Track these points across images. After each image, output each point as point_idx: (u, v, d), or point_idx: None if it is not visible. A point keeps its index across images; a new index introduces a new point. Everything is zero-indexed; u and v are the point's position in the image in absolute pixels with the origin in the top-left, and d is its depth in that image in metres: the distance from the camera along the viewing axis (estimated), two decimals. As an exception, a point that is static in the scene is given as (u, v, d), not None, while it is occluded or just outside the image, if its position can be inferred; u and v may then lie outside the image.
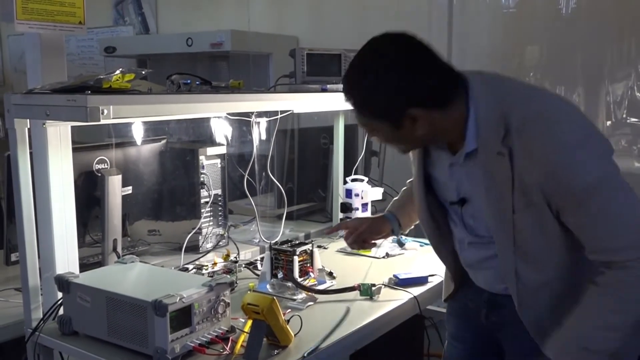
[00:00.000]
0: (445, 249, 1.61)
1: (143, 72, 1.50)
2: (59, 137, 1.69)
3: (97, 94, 1.43)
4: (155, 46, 4.26)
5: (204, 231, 2.32)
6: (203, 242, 2.32)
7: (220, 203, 2.38)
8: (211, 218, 2.35)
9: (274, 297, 1.45)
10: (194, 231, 2.25)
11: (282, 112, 2.26)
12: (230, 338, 1.51)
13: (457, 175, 1.45)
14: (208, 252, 2.31)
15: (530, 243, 1.36)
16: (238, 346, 1.47)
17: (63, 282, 1.54)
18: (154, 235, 2.34)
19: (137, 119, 1.74)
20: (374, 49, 1.35)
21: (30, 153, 1.69)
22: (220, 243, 2.39)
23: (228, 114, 2.17)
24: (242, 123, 2.35)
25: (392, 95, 1.30)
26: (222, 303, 1.51)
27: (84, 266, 2.00)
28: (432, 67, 1.32)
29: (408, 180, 1.86)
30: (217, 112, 2.12)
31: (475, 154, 1.36)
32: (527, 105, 1.32)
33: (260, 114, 2.35)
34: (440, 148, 1.45)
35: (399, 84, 1.30)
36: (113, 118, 1.52)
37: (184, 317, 1.42)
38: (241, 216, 2.76)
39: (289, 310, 1.70)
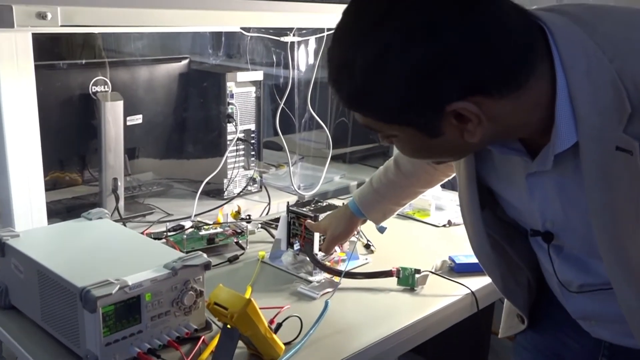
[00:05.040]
0: (514, 283, 1.06)
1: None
2: (14, 48, 1.27)
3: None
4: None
5: (230, 173, 1.88)
6: (228, 186, 1.89)
7: (253, 140, 1.92)
8: (242, 158, 1.90)
9: (251, 299, 0.98)
10: (213, 173, 1.82)
11: (328, 29, 1.74)
12: (202, 338, 1.09)
13: (542, 190, 0.87)
14: (232, 198, 1.88)
15: None
16: (206, 354, 1.04)
17: (-3, 242, 1.16)
18: (168, 176, 1.94)
19: (101, 28, 1.28)
20: None
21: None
22: (251, 188, 1.95)
23: (258, 29, 1.67)
24: (281, 42, 1.84)
25: (418, 83, 0.71)
26: (190, 292, 1.07)
27: (81, 207, 1.66)
28: (490, 15, 0.71)
29: (383, 167, 1.31)
30: (209, 25, 1.62)
31: (573, 152, 0.78)
32: None
33: (308, 33, 1.84)
34: (508, 148, 0.86)
35: (431, 60, 0.70)
36: (62, 26, 1.09)
37: (128, 312, 1.00)
38: (291, 155, 2.29)
39: (289, 304, 1.23)
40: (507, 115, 0.75)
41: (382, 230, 1.42)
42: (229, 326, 0.99)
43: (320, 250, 1.36)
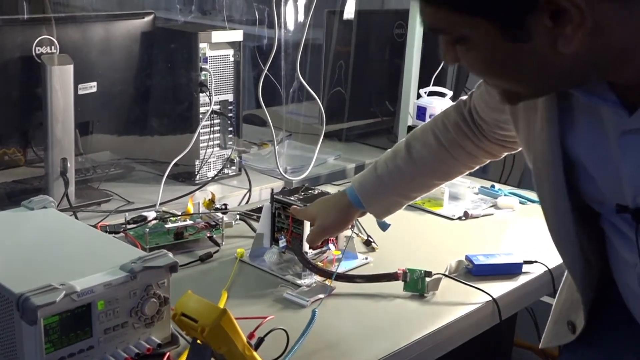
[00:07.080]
0: (590, 281, 1.04)
1: None
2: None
3: None
4: None
5: (203, 153, 1.85)
6: (200, 169, 1.85)
7: (230, 114, 1.89)
8: (217, 135, 1.88)
9: (226, 309, 0.95)
10: (183, 153, 1.80)
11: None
12: (167, 355, 1.05)
13: (638, 153, 0.83)
14: (206, 183, 1.86)
15: None
16: (173, 374, 1.01)
17: None
18: (129, 156, 1.94)
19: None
20: None
21: None
22: (229, 171, 1.92)
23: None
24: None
25: None
26: (152, 300, 1.04)
27: (24, 193, 1.66)
28: None
29: (391, 150, 1.27)
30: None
31: None
32: None
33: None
34: (598, 97, 0.83)
35: None
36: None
37: (76, 323, 0.97)
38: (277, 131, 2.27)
39: (272, 315, 1.19)
40: (613, 30, 0.72)
41: (384, 227, 1.37)
42: (199, 342, 0.97)
43: (307, 241, 1.32)
